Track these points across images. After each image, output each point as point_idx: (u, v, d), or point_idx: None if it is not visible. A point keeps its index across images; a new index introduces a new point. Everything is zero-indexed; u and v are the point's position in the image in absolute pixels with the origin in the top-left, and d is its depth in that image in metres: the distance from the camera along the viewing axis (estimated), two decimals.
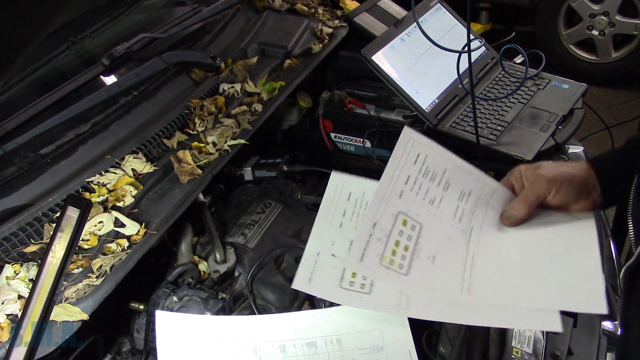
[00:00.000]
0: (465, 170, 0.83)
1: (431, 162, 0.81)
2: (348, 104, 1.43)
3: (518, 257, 0.79)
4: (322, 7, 1.61)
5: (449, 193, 0.82)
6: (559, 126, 1.32)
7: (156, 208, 0.99)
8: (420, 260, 0.78)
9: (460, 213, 0.82)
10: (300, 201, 1.20)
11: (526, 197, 0.80)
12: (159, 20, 1.37)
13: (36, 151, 1.01)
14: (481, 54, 1.50)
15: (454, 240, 0.80)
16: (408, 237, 0.79)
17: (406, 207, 0.80)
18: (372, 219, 0.78)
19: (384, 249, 0.78)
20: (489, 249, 0.80)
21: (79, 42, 1.22)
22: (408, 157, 0.80)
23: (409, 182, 0.80)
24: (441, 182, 0.82)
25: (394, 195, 0.79)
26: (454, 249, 0.80)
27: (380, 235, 0.78)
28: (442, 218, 0.81)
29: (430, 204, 0.81)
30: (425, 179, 0.81)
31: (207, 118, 1.17)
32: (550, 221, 0.81)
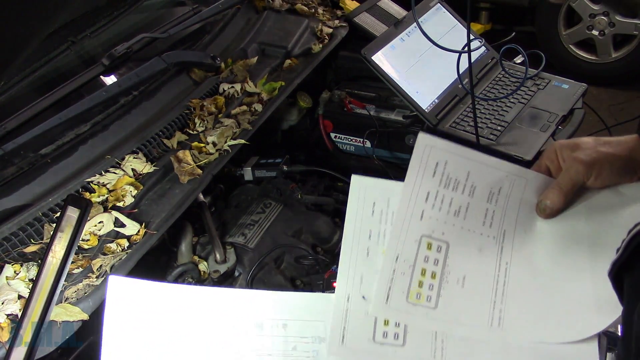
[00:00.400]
0: (490, 165, 0.76)
1: (452, 169, 0.75)
2: (348, 104, 1.43)
3: (553, 263, 0.72)
4: (322, 7, 1.61)
5: (475, 198, 0.74)
6: (559, 126, 1.32)
7: (156, 208, 0.99)
8: (449, 286, 0.72)
9: (491, 217, 0.74)
10: (300, 201, 1.20)
11: (561, 184, 0.72)
12: (159, 20, 1.37)
13: (36, 151, 1.01)
14: (481, 54, 1.50)
15: (484, 252, 0.73)
16: (435, 261, 0.73)
17: (429, 228, 0.73)
18: (394, 252, 0.73)
19: (410, 282, 0.72)
20: (524, 255, 0.73)
21: (79, 42, 1.22)
22: (426, 170, 0.74)
23: (429, 199, 0.74)
24: (465, 188, 0.75)
25: (415, 218, 0.73)
26: (485, 263, 0.73)
27: (404, 268, 0.72)
28: (470, 229, 0.74)
29: (455, 216, 0.74)
30: (448, 190, 0.74)
31: (207, 118, 1.17)
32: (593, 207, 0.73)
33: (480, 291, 0.72)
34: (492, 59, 1.52)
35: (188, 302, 0.78)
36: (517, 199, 0.75)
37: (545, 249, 0.73)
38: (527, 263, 0.73)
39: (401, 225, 0.73)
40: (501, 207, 0.75)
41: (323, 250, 1.12)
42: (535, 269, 0.73)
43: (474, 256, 0.73)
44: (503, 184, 0.75)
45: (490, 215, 0.74)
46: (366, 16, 1.57)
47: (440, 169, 0.74)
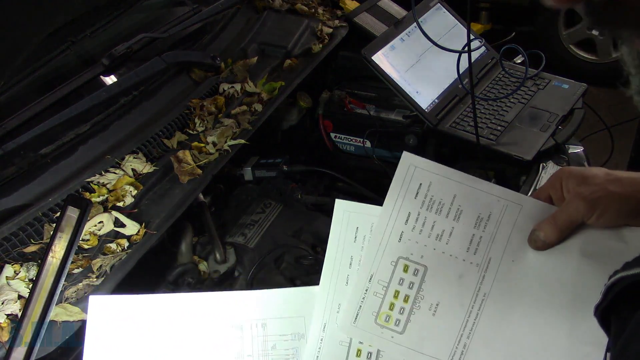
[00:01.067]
0: (481, 189, 0.72)
1: (437, 191, 0.72)
2: (348, 104, 1.43)
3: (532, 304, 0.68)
4: (322, 7, 1.61)
5: (461, 222, 0.71)
6: (559, 126, 1.32)
7: (156, 208, 0.99)
8: (420, 312, 0.70)
9: (477, 243, 0.71)
10: (300, 201, 1.20)
11: (558, 219, 0.68)
12: (159, 20, 1.37)
13: (36, 151, 1.01)
14: (481, 54, 1.50)
15: (464, 280, 0.70)
16: (409, 284, 0.70)
17: (407, 250, 0.71)
18: (368, 271, 0.71)
19: (381, 304, 0.70)
20: (505, 289, 0.70)
21: (79, 42, 1.22)
22: (408, 190, 0.72)
23: (409, 221, 0.71)
24: (450, 211, 0.71)
25: (393, 239, 0.71)
26: (462, 292, 0.70)
27: (377, 289, 0.70)
28: (452, 254, 0.71)
29: (437, 240, 0.71)
30: (430, 213, 0.71)
31: (207, 118, 1.17)
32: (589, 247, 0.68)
33: (450, 322, 0.69)
34: (492, 59, 1.52)
35: (167, 310, 0.79)
36: (509, 226, 0.71)
37: (528, 286, 0.69)
38: (505, 299, 0.69)
39: (378, 245, 0.71)
40: (489, 234, 0.71)
41: (323, 250, 1.11)
42: (512, 307, 0.69)
43: (451, 283, 0.70)
44: (493, 209, 0.72)
45: (476, 242, 0.71)
46: (366, 16, 1.57)
47: (423, 190, 0.72)
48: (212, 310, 0.79)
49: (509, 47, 1.34)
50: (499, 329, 0.69)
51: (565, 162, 1.25)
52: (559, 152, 1.27)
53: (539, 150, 1.23)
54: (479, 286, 0.70)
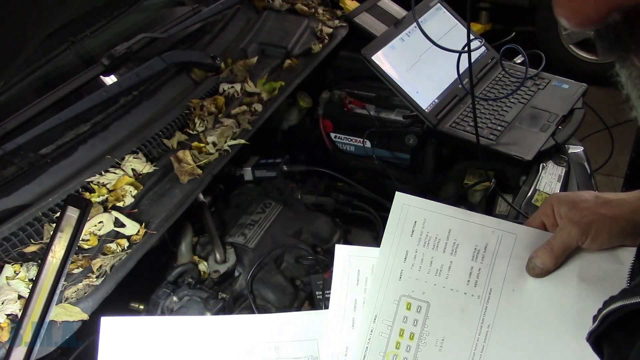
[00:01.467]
0: (474, 222, 0.73)
1: (432, 227, 0.73)
2: (348, 104, 1.43)
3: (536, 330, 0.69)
4: (322, 7, 1.61)
5: (458, 256, 0.72)
6: (559, 126, 1.32)
7: (156, 208, 0.99)
8: (427, 348, 0.70)
9: (476, 275, 0.72)
10: (300, 201, 1.20)
11: (553, 245, 0.69)
12: (159, 20, 1.37)
13: (36, 151, 1.01)
14: (481, 54, 1.50)
15: (467, 312, 0.71)
16: (414, 321, 0.71)
17: (408, 288, 0.72)
18: (372, 312, 0.71)
19: (387, 344, 0.70)
20: (508, 318, 0.70)
21: (79, 42, 1.22)
22: (404, 229, 0.73)
23: (407, 259, 0.72)
24: (447, 246, 0.73)
25: (393, 278, 0.72)
26: (466, 324, 0.70)
27: (382, 329, 0.71)
28: (452, 288, 0.72)
29: (437, 275, 0.72)
30: (428, 249, 0.72)
31: (207, 118, 1.17)
32: (586, 271, 0.69)
33: (457, 355, 0.70)
34: (492, 59, 1.52)
35: (178, 333, 0.79)
36: (507, 255, 0.72)
37: (531, 315, 0.70)
38: (509, 328, 0.70)
39: (379, 285, 0.72)
40: (487, 265, 0.72)
41: (323, 250, 1.12)
42: (517, 336, 0.70)
43: (455, 317, 0.71)
44: (489, 241, 0.73)
45: (476, 274, 0.72)
46: (366, 16, 1.57)
47: (418, 228, 0.73)
48: (224, 333, 0.80)
49: (509, 47, 1.34)
50: (505, 358, 0.69)
51: (565, 162, 1.25)
52: (559, 152, 1.27)
53: (539, 150, 1.23)
54: (482, 317, 0.71)
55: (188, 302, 0.96)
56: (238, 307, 1.00)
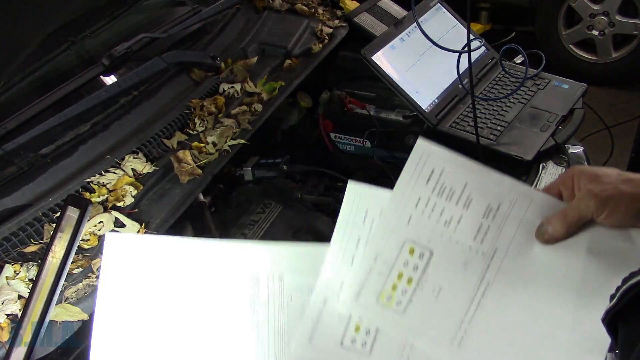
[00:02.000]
0: (492, 180, 0.73)
1: (448, 178, 0.72)
2: (348, 104, 1.43)
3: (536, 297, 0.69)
4: (322, 7, 1.61)
5: (470, 211, 0.72)
6: (559, 126, 1.32)
7: (156, 208, 0.99)
8: (423, 294, 0.70)
9: (484, 232, 0.71)
10: (300, 201, 1.20)
11: (567, 215, 0.68)
12: (159, 20, 1.37)
13: (36, 151, 1.01)
14: (481, 54, 1.50)
15: (469, 267, 0.71)
16: (414, 267, 0.71)
17: (415, 234, 0.72)
18: (374, 251, 0.71)
19: (384, 284, 0.71)
20: (509, 280, 0.70)
21: (79, 42, 1.22)
22: (420, 176, 0.72)
23: (419, 206, 0.72)
24: (461, 199, 0.72)
25: (401, 221, 0.72)
26: (467, 279, 0.71)
27: (382, 269, 0.71)
28: (459, 241, 0.71)
29: (445, 226, 0.71)
30: (441, 199, 0.72)
31: (207, 118, 1.17)
32: (597, 245, 0.68)
33: (452, 307, 0.70)
34: (492, 59, 1.52)
35: (184, 254, 0.78)
36: (518, 218, 0.72)
37: (533, 278, 0.70)
38: (508, 289, 0.70)
39: (386, 226, 0.72)
40: (497, 224, 0.71)
41: None
42: (515, 298, 0.70)
43: (456, 270, 0.71)
44: (503, 201, 0.72)
45: (484, 231, 0.71)
46: (366, 16, 1.57)
47: (435, 177, 0.72)
48: (230, 258, 0.78)
49: (509, 47, 1.34)
50: (500, 318, 0.69)
51: (565, 162, 1.25)
52: (559, 152, 1.27)
53: (539, 151, 1.23)
54: (483, 274, 0.70)
55: None
56: None
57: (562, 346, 0.67)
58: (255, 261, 0.78)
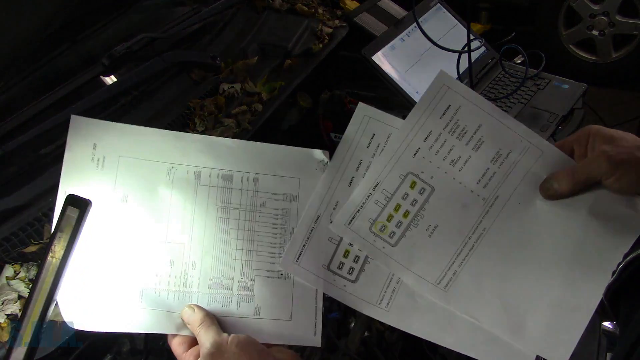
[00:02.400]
0: (507, 125, 0.71)
1: (463, 116, 0.70)
2: (348, 104, 1.43)
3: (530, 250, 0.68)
4: (322, 7, 1.61)
5: (479, 153, 0.70)
6: (559, 126, 1.32)
7: None
8: (417, 230, 0.69)
9: (489, 177, 0.70)
10: None
11: (576, 172, 0.66)
12: (159, 20, 1.37)
13: (36, 151, 1.01)
14: (481, 54, 1.50)
15: (467, 210, 0.69)
16: (412, 201, 0.69)
17: (419, 168, 0.70)
18: (375, 179, 0.70)
19: (380, 213, 0.70)
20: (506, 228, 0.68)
21: (79, 42, 1.22)
22: (435, 109, 0.70)
23: (428, 140, 0.70)
24: (472, 139, 0.70)
25: (407, 153, 0.70)
26: (463, 221, 0.69)
27: (380, 198, 0.70)
28: (462, 182, 0.70)
29: (451, 164, 0.70)
30: (452, 136, 0.70)
31: (207, 118, 1.17)
32: (599, 208, 0.66)
33: (444, 247, 0.69)
34: (492, 59, 1.52)
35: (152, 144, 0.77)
36: (524, 169, 0.70)
37: (530, 231, 0.69)
38: (504, 238, 0.69)
39: (391, 155, 0.71)
40: (503, 172, 0.70)
41: None
42: (509, 248, 0.68)
43: (454, 210, 0.70)
44: (514, 148, 0.70)
45: (489, 176, 0.70)
46: (366, 16, 1.57)
47: (450, 113, 0.71)
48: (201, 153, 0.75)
49: (509, 47, 1.34)
50: (492, 265, 0.68)
51: None
52: None
53: None
54: (480, 219, 0.69)
55: None
56: None
57: (549, 303, 0.66)
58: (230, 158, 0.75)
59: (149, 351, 0.93)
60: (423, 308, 0.69)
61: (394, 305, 0.70)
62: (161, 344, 0.97)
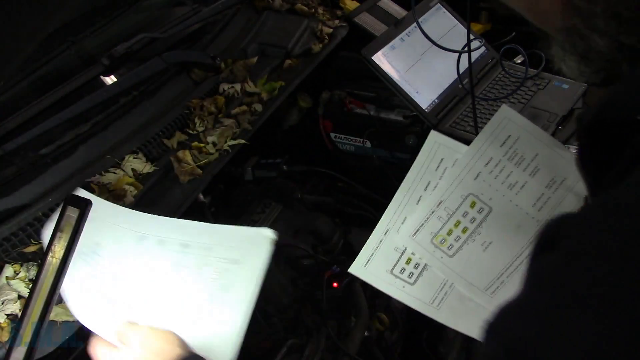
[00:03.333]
0: (562, 156, 0.77)
1: (522, 145, 0.77)
2: (348, 104, 1.43)
3: None
4: (322, 7, 1.61)
5: (536, 179, 0.76)
6: (559, 126, 1.32)
7: (156, 208, 0.99)
8: (474, 244, 0.76)
9: (544, 201, 0.76)
10: (300, 201, 1.20)
11: None
12: (159, 20, 1.37)
13: (36, 151, 1.01)
14: (481, 54, 1.50)
15: (521, 230, 0.76)
16: (471, 219, 0.77)
17: (479, 189, 0.77)
18: (439, 197, 0.77)
19: (441, 228, 0.77)
20: None
21: (79, 42, 1.22)
22: (497, 138, 0.77)
23: (489, 165, 0.77)
24: (529, 167, 0.77)
25: (470, 176, 0.77)
26: (516, 240, 0.76)
27: (442, 214, 0.77)
28: (518, 204, 0.76)
29: (509, 188, 0.77)
30: (510, 162, 0.77)
31: (207, 118, 1.17)
32: None
33: (497, 261, 0.75)
34: (492, 59, 1.52)
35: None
36: (580, 195, 0.76)
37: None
38: None
39: (455, 177, 0.77)
40: (558, 197, 0.76)
41: (323, 250, 1.12)
42: None
43: (509, 230, 0.76)
44: (568, 176, 0.76)
45: (544, 200, 0.76)
46: (366, 16, 1.57)
47: (510, 142, 0.77)
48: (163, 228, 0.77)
49: (509, 47, 1.34)
50: None
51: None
52: None
53: None
54: (532, 239, 0.75)
55: None
56: None
57: None
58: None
59: None
60: (471, 310, 0.76)
61: (444, 305, 0.77)
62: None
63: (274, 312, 1.00)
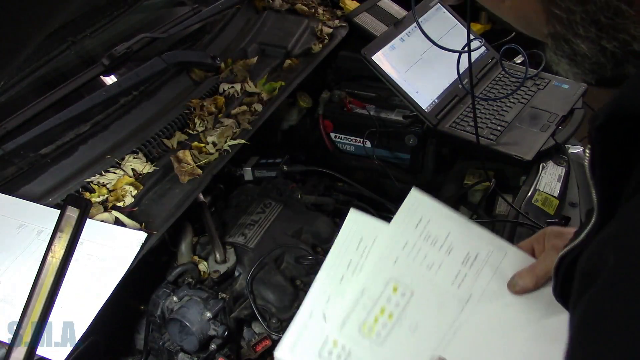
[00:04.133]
0: (472, 232, 0.80)
1: (434, 226, 0.79)
2: (348, 104, 1.43)
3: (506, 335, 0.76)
4: (322, 7, 1.61)
5: (451, 257, 0.79)
6: (559, 126, 1.32)
7: (156, 208, 0.99)
8: (401, 329, 0.76)
9: (461, 279, 0.78)
10: (300, 201, 1.20)
11: (536, 269, 0.75)
12: (159, 20, 1.37)
13: (36, 151, 1.01)
14: (481, 54, 1.50)
15: (444, 309, 0.78)
16: (396, 304, 0.77)
17: (400, 273, 0.78)
18: (362, 285, 0.78)
19: (367, 316, 0.77)
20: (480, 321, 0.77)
21: (79, 42, 1.22)
22: (410, 222, 0.79)
23: (406, 248, 0.79)
24: (443, 246, 0.79)
25: (389, 261, 0.78)
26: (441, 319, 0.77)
27: (367, 302, 0.77)
28: (438, 284, 0.78)
29: (427, 269, 0.78)
30: (426, 243, 0.79)
31: (207, 118, 1.17)
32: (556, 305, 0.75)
33: (426, 342, 0.76)
34: (492, 59, 1.52)
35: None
36: (493, 269, 0.79)
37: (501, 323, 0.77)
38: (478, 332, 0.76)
39: (375, 264, 0.78)
40: (474, 272, 0.78)
41: (323, 250, 1.12)
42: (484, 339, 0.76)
43: (433, 310, 0.77)
44: (480, 252, 0.79)
45: (461, 278, 0.78)
46: (366, 16, 1.57)
47: (423, 224, 0.79)
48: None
49: (509, 47, 1.34)
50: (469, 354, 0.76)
51: (565, 162, 1.25)
52: (559, 152, 1.27)
53: (539, 150, 1.23)
54: (457, 316, 0.77)
55: (188, 302, 0.96)
56: (238, 307, 1.00)
57: None
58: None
59: (148, 351, 0.93)
60: None
61: None
62: (161, 343, 0.97)
63: (274, 312, 1.00)
